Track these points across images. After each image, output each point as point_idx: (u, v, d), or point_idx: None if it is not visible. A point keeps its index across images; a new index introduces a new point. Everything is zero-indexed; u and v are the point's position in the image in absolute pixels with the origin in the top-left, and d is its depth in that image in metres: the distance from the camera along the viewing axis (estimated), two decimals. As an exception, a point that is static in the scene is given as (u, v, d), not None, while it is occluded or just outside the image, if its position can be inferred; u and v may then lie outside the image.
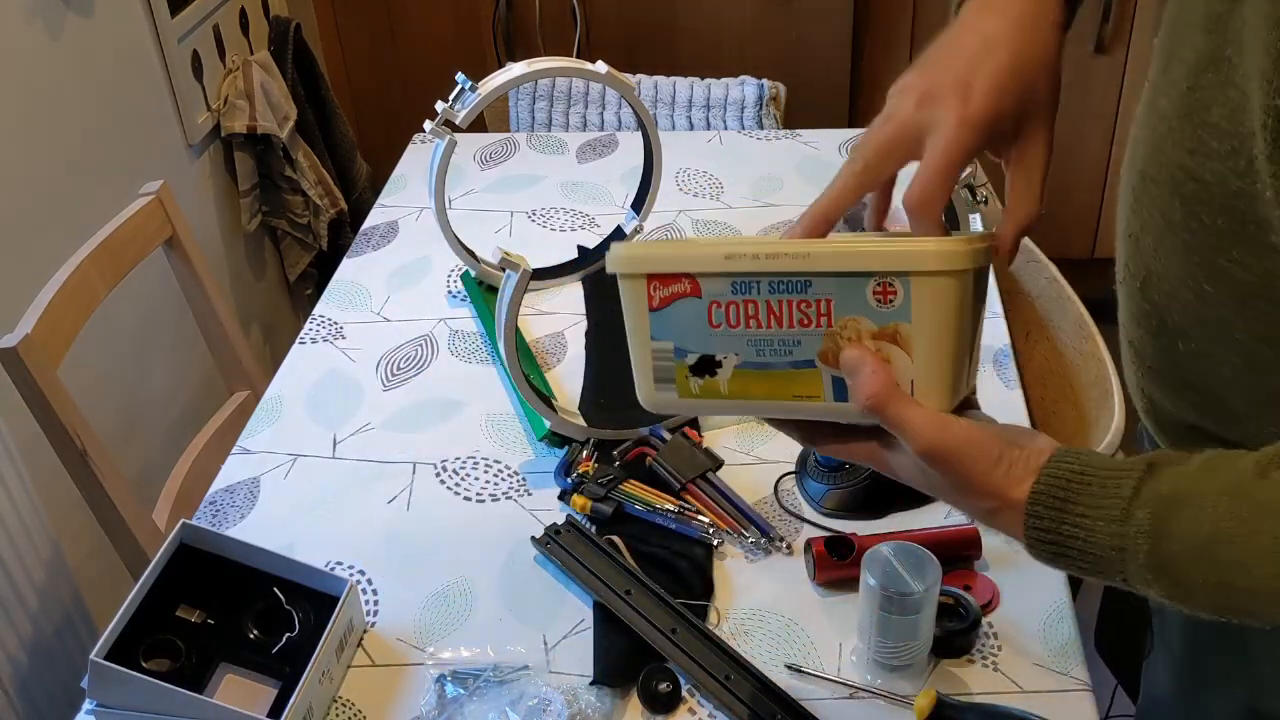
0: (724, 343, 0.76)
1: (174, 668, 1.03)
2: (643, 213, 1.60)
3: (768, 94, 2.16)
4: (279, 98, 2.40)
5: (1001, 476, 0.69)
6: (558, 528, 1.16)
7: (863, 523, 1.17)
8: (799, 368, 0.75)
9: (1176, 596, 0.66)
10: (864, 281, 0.71)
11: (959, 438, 0.70)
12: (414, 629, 1.10)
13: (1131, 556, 0.65)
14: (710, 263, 0.73)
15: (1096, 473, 0.67)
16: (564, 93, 2.26)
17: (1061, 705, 0.98)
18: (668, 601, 1.06)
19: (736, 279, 0.74)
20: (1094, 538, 0.66)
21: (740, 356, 0.76)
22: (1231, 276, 0.72)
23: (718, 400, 0.78)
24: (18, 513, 1.54)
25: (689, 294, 0.75)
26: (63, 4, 1.87)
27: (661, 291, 0.76)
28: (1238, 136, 0.69)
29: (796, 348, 0.74)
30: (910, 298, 0.70)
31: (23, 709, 1.53)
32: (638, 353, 0.78)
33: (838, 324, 0.73)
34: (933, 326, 0.70)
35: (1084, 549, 0.67)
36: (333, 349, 1.49)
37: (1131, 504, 0.65)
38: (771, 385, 0.76)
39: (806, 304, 0.73)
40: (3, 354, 1.32)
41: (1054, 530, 0.67)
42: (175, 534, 1.08)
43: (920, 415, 0.70)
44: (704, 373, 0.78)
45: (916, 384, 0.72)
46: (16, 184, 1.76)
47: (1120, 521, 0.65)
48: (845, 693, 1.01)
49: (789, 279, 0.72)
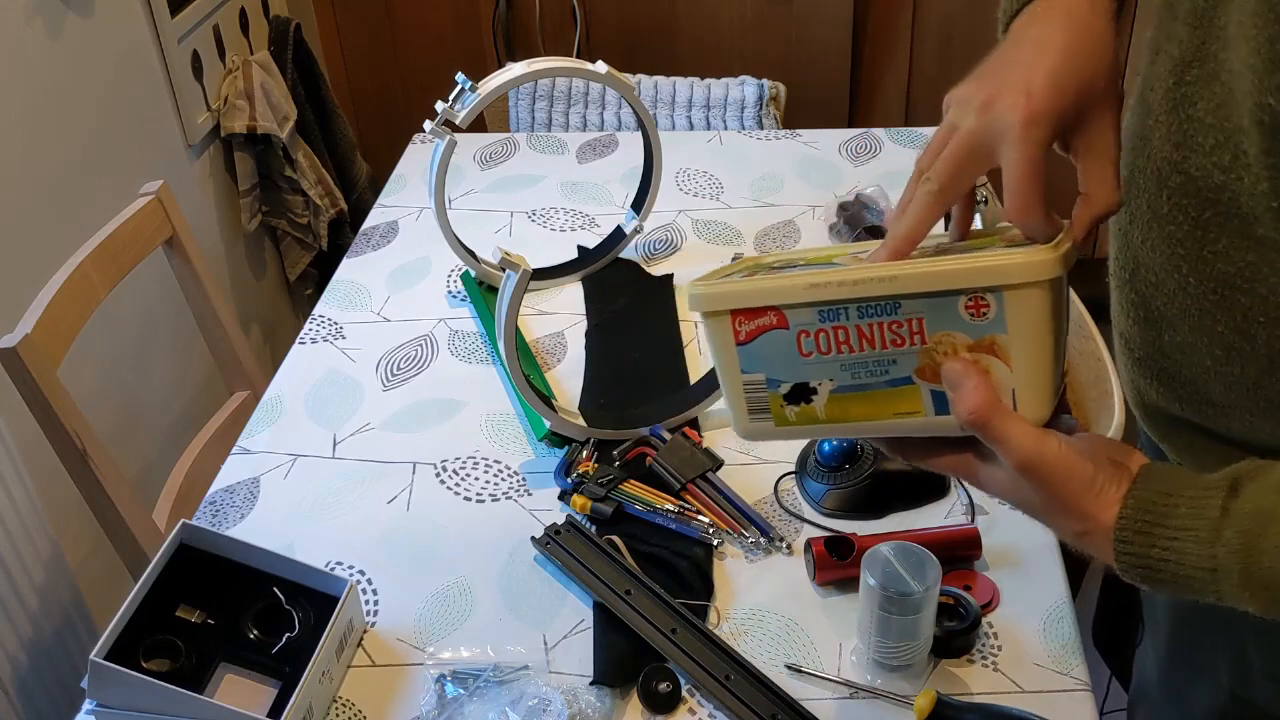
0: (817, 370, 0.76)
1: (174, 668, 1.03)
2: (643, 213, 1.60)
3: (768, 94, 2.16)
4: (279, 98, 2.40)
5: (1093, 500, 0.69)
6: (558, 528, 1.16)
7: (863, 523, 1.17)
8: (897, 385, 0.75)
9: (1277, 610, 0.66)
10: (954, 298, 0.70)
11: (1056, 457, 0.69)
12: (414, 629, 1.10)
13: (1225, 576, 0.65)
14: (794, 294, 0.73)
15: (1183, 493, 0.67)
16: (564, 93, 2.26)
17: (1061, 705, 0.98)
18: (668, 601, 1.06)
19: (823, 307, 0.73)
20: (1185, 559, 0.66)
21: (835, 381, 0.76)
22: (1214, 269, 0.73)
23: (815, 425, 0.78)
24: (18, 513, 1.54)
25: (776, 326, 0.75)
26: (63, 4, 1.87)
27: (747, 325, 0.76)
28: (1223, 131, 0.70)
29: (893, 366, 0.74)
30: (1004, 310, 0.69)
31: (23, 709, 1.53)
32: (729, 387, 0.78)
33: (932, 340, 0.72)
34: (1030, 336, 0.70)
35: (1176, 571, 0.67)
36: (333, 349, 1.49)
37: (1220, 524, 0.65)
38: (870, 405, 0.76)
39: (898, 324, 0.72)
40: (3, 354, 1.32)
41: (1144, 555, 0.67)
42: (175, 534, 1.08)
43: (1020, 431, 0.70)
44: (799, 400, 0.77)
45: (1017, 394, 0.72)
46: (16, 184, 1.76)
47: (1210, 543, 0.65)
48: (845, 693, 1.01)
49: (877, 302, 0.72)
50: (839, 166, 1.80)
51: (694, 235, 1.67)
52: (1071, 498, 0.69)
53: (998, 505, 1.18)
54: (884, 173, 1.77)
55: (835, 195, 1.67)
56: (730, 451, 1.27)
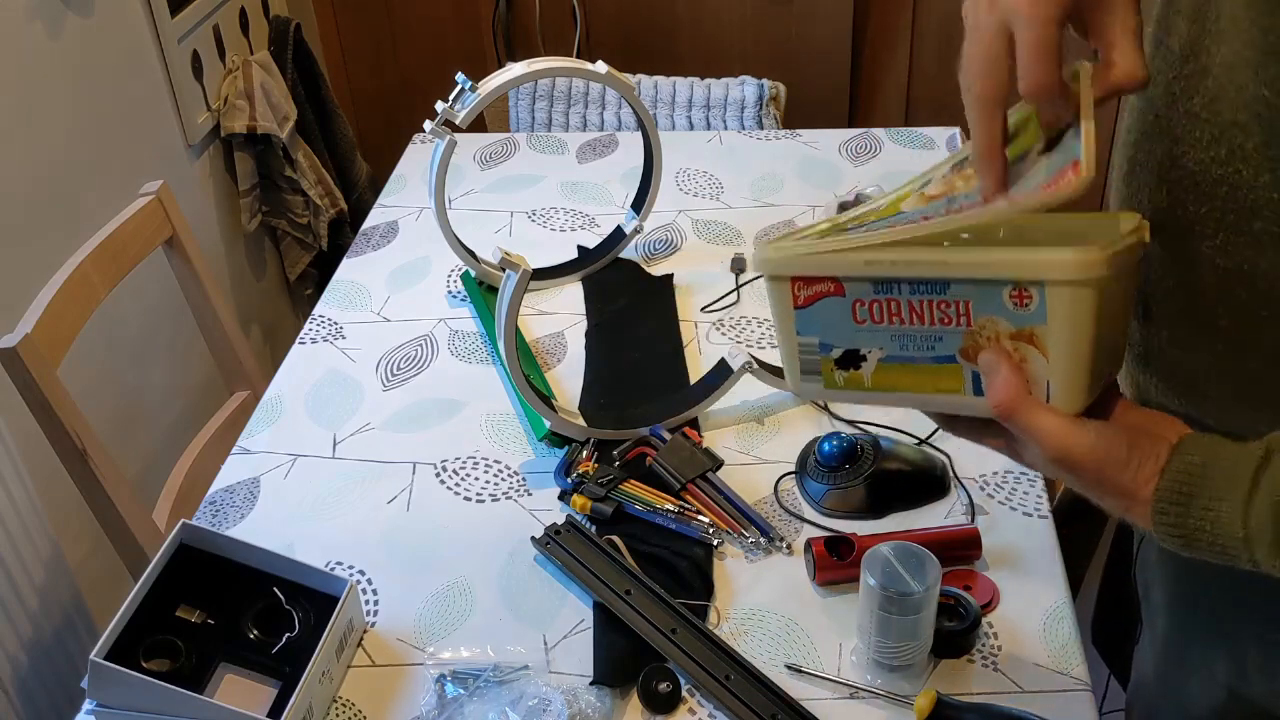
0: (868, 338, 0.79)
1: (174, 668, 1.03)
2: (643, 213, 1.60)
3: (768, 94, 2.16)
4: (279, 98, 2.40)
5: (1130, 479, 0.71)
6: (558, 528, 1.16)
7: (863, 523, 1.17)
8: (941, 363, 0.77)
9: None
10: (1000, 287, 0.72)
11: (1086, 445, 0.72)
12: (414, 629, 1.10)
13: (1257, 542, 0.66)
14: (852, 267, 0.76)
15: (1218, 463, 0.68)
16: (564, 93, 2.26)
17: (1061, 705, 0.98)
18: (668, 601, 1.06)
19: (878, 280, 0.76)
20: (1220, 529, 0.68)
21: (884, 350, 0.79)
22: (1214, 264, 0.73)
23: (861, 391, 0.81)
24: (18, 513, 1.54)
25: (833, 293, 0.78)
26: (63, 4, 1.87)
27: (806, 291, 0.79)
28: (1217, 125, 0.71)
29: (939, 343, 0.76)
30: (1046, 303, 0.71)
31: (23, 709, 1.53)
32: (785, 346, 0.82)
33: (976, 324, 0.74)
34: (1068, 332, 0.71)
35: (1212, 540, 0.68)
36: (333, 349, 1.49)
37: (1253, 493, 0.66)
38: (914, 378, 0.78)
39: (946, 304, 0.75)
40: (3, 354, 1.32)
41: (1181, 525, 0.69)
42: (175, 534, 1.08)
43: (1049, 424, 0.72)
44: (849, 366, 0.80)
45: (1052, 385, 0.73)
46: (17, 184, 1.76)
47: (1243, 511, 0.66)
48: (845, 693, 1.01)
49: (928, 281, 0.74)
50: (839, 166, 1.80)
51: (694, 235, 1.67)
52: (1108, 480, 0.71)
53: (998, 505, 1.18)
54: (884, 173, 1.77)
55: (835, 195, 1.67)
56: (730, 452, 1.27)
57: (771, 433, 1.30)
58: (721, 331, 1.47)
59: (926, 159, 1.81)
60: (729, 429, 1.31)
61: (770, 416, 1.32)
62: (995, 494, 1.19)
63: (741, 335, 1.46)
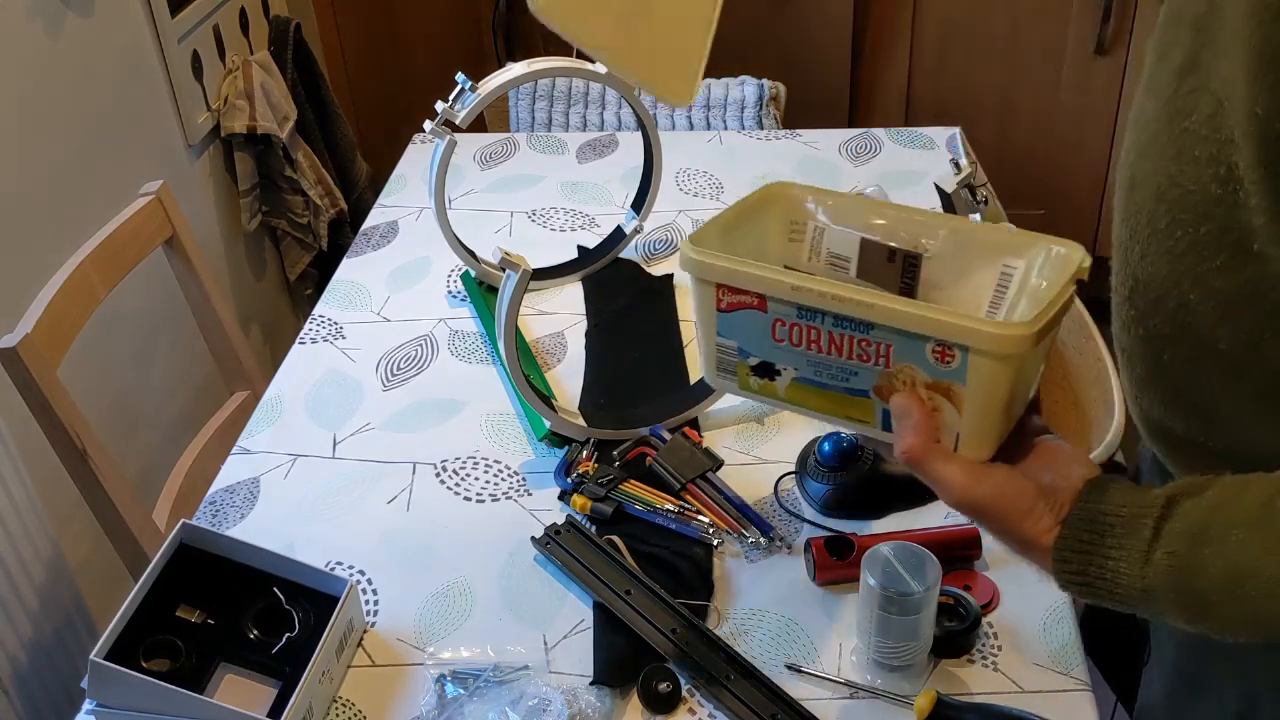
0: (784, 356, 0.80)
1: (174, 668, 1.03)
2: (643, 213, 1.60)
3: (768, 94, 2.16)
4: (279, 98, 2.40)
5: (1031, 528, 0.73)
6: (558, 528, 1.16)
7: (863, 523, 1.17)
8: (853, 394, 0.79)
9: (1212, 629, 0.68)
10: (924, 341, 0.73)
11: (990, 493, 0.74)
12: (414, 629, 1.10)
13: (1160, 596, 0.67)
14: (778, 289, 0.77)
15: (1119, 514, 0.69)
16: (564, 93, 2.26)
17: (1061, 705, 0.98)
18: (668, 601, 1.06)
19: (803, 307, 0.77)
20: (1120, 579, 0.69)
21: (798, 371, 0.80)
22: (1213, 285, 0.72)
23: (775, 400, 0.82)
24: (18, 513, 1.54)
25: (755, 307, 0.79)
26: (63, 4, 1.87)
27: (730, 298, 0.80)
28: (1215, 143, 0.69)
29: (854, 377, 0.78)
30: (967, 366, 0.72)
31: (23, 709, 1.53)
32: (705, 341, 0.83)
33: (895, 367, 0.75)
34: (985, 395, 0.73)
35: (1112, 590, 0.69)
36: (333, 349, 1.49)
37: (1152, 546, 0.67)
38: (826, 402, 0.80)
39: (867, 343, 0.76)
40: (3, 354, 1.32)
41: (1082, 574, 0.70)
42: (175, 534, 1.08)
43: (952, 473, 0.74)
44: (764, 375, 0.82)
45: (962, 437, 0.75)
46: (17, 184, 1.76)
47: (1143, 564, 0.67)
48: (845, 693, 1.01)
49: (852, 320, 0.75)
50: (839, 166, 1.80)
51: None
52: (1011, 527, 0.73)
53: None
54: (884, 173, 1.77)
55: (835, 195, 1.67)
56: (730, 452, 1.27)
57: (771, 433, 1.30)
58: (721, 331, 1.47)
59: (926, 159, 1.81)
60: (729, 429, 1.31)
61: (770, 416, 1.32)
62: (995, 494, 1.19)
63: (741, 335, 1.46)
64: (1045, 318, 0.71)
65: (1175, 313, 0.76)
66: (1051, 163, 2.70)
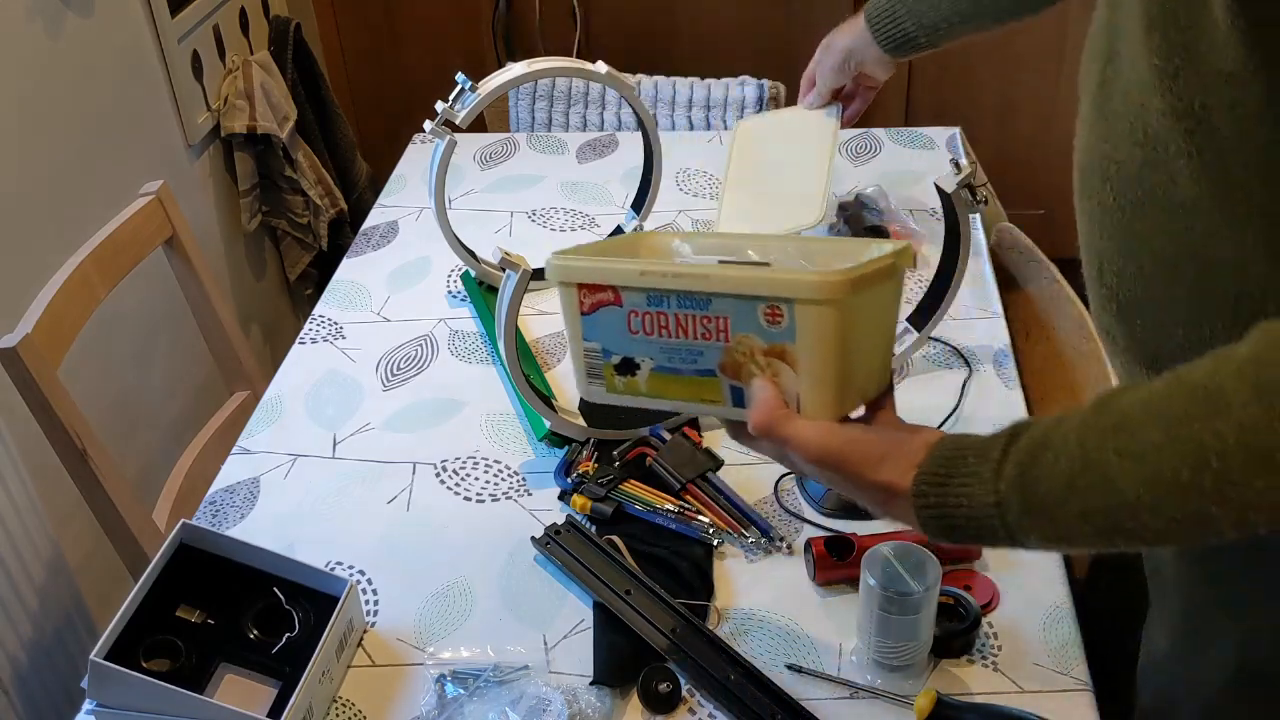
0: (641, 347, 0.86)
1: (174, 668, 1.03)
2: (643, 213, 1.60)
3: (768, 94, 2.16)
4: (279, 98, 2.40)
5: (889, 471, 0.76)
6: (558, 528, 1.16)
7: (863, 523, 1.17)
8: (702, 375, 0.84)
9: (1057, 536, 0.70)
10: (755, 304, 0.79)
11: (843, 442, 0.78)
12: (414, 629, 1.10)
13: (1008, 508, 0.70)
14: (628, 277, 0.84)
15: (972, 446, 0.73)
16: (564, 93, 2.26)
17: (1061, 705, 0.98)
18: (668, 601, 1.06)
19: (651, 293, 0.83)
20: (974, 501, 0.72)
21: (654, 361, 0.86)
22: (1158, 246, 0.76)
23: (639, 397, 0.89)
24: (18, 513, 1.54)
25: (612, 302, 0.86)
26: (62, 4, 1.87)
27: (590, 299, 0.87)
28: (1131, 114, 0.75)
29: (700, 358, 0.84)
30: (795, 321, 0.78)
31: (23, 709, 1.53)
32: (574, 350, 0.90)
33: (734, 340, 0.81)
34: (814, 348, 0.78)
35: (968, 515, 0.72)
36: (333, 349, 1.49)
37: (1001, 464, 0.71)
38: (682, 388, 0.86)
39: (708, 319, 0.82)
40: (3, 354, 1.32)
41: (939, 505, 0.74)
42: (175, 534, 1.08)
43: (804, 429, 0.78)
44: (626, 372, 0.88)
45: (802, 398, 0.80)
46: (17, 184, 1.76)
47: (993, 480, 0.71)
48: (845, 693, 1.01)
49: (693, 296, 0.81)
50: (839, 166, 1.79)
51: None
52: (868, 477, 0.77)
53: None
54: (884, 173, 1.77)
55: (835, 195, 1.67)
56: (730, 452, 1.27)
57: (771, 433, 1.30)
58: (721, 331, 1.46)
59: (927, 159, 1.81)
60: (729, 429, 1.31)
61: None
62: (995, 494, 1.19)
63: (741, 335, 1.45)
64: (861, 271, 0.77)
65: (1135, 281, 0.80)
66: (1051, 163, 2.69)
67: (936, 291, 1.34)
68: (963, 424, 1.28)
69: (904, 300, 1.47)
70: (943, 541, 0.75)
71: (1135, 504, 0.65)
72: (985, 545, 0.76)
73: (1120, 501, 0.66)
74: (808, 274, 0.78)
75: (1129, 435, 0.66)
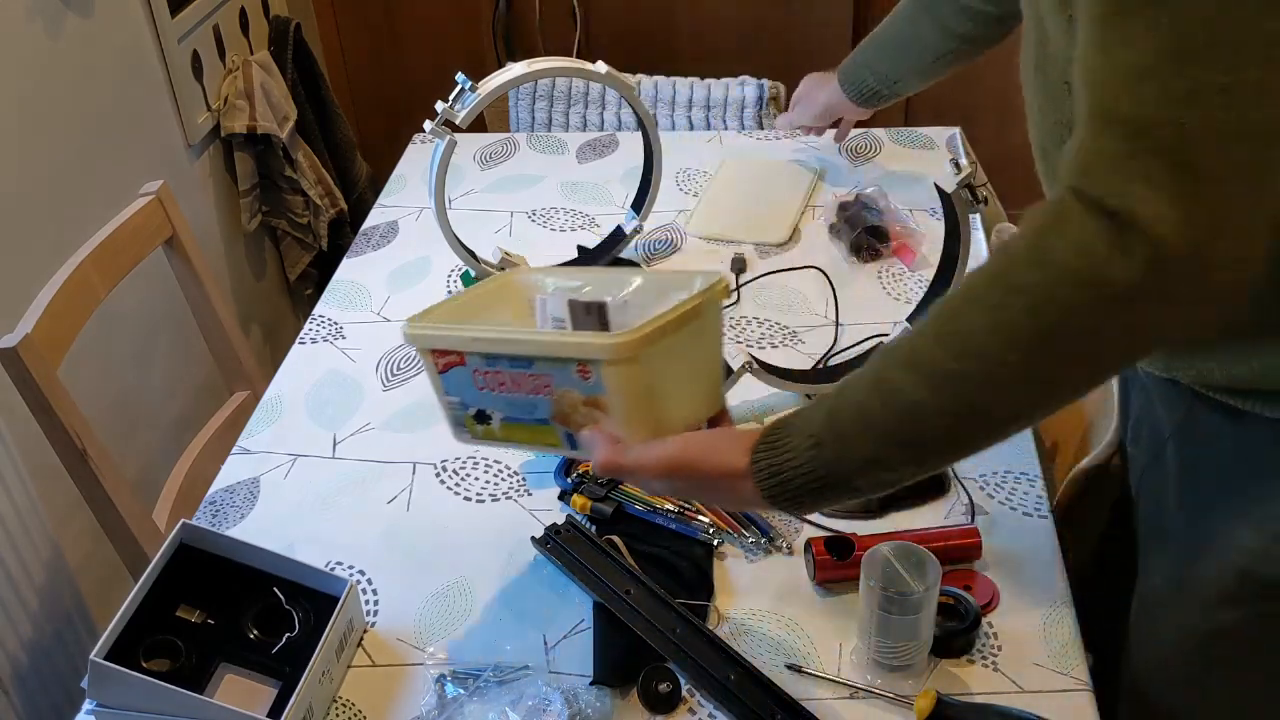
0: (489, 400, 0.97)
1: (174, 668, 1.03)
2: (643, 213, 1.60)
3: (768, 94, 2.16)
4: (279, 98, 2.40)
5: (726, 455, 0.85)
6: (558, 528, 1.16)
7: (863, 523, 1.17)
8: (540, 424, 0.95)
9: (873, 459, 0.80)
10: (568, 364, 0.89)
11: (679, 446, 0.87)
12: (414, 629, 1.10)
13: (824, 445, 0.80)
14: (465, 343, 0.96)
15: (797, 414, 0.84)
16: (564, 93, 2.26)
17: (1061, 705, 0.98)
18: (668, 602, 1.06)
19: (486, 354, 0.94)
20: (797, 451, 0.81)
21: (502, 412, 0.97)
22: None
23: (497, 441, 1.00)
24: (18, 513, 1.54)
25: (459, 364, 0.97)
26: (63, 4, 1.87)
27: (442, 360, 0.98)
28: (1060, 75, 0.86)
29: (535, 409, 0.94)
30: (601, 377, 0.88)
31: (23, 709, 1.53)
32: (440, 402, 1.01)
33: (557, 394, 0.92)
34: (622, 399, 0.89)
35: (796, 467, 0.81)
36: (333, 349, 1.49)
37: (812, 416, 0.82)
38: (527, 434, 0.97)
39: (534, 376, 0.92)
40: (3, 354, 1.32)
41: (772, 464, 0.82)
42: (175, 534, 1.08)
43: (640, 453, 0.87)
44: (483, 421, 0.99)
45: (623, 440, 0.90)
46: (17, 184, 1.76)
47: (807, 427, 0.82)
48: (845, 693, 1.01)
49: (519, 358, 0.92)
50: (839, 166, 1.79)
51: (694, 235, 1.67)
52: (709, 468, 0.86)
53: (998, 505, 1.18)
54: (884, 173, 1.77)
55: (835, 195, 1.67)
56: (730, 451, 1.27)
57: (771, 433, 1.30)
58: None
59: (926, 159, 1.81)
60: (729, 429, 1.31)
61: (770, 416, 1.32)
62: (995, 494, 1.19)
63: (741, 335, 1.46)
64: (650, 327, 0.87)
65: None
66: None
67: (936, 291, 1.34)
68: (963, 424, 1.28)
69: (904, 300, 1.47)
70: (788, 510, 0.84)
71: (919, 405, 0.77)
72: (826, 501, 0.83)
73: (907, 403, 0.77)
74: (603, 338, 0.90)
75: (909, 355, 0.78)
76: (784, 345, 1.43)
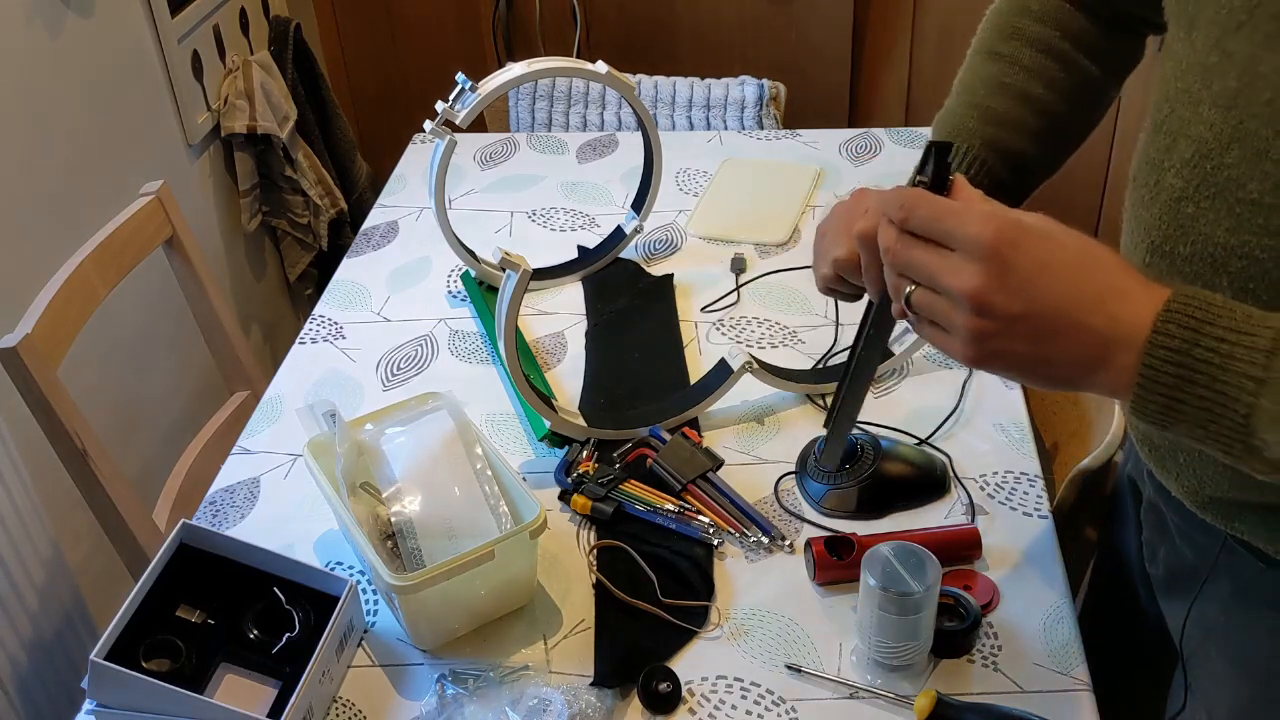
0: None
1: (174, 668, 1.03)
2: (643, 213, 1.60)
3: (768, 94, 2.16)
4: (279, 98, 2.40)
5: (1122, 278, 0.62)
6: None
7: (863, 523, 1.17)
8: None
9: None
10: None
11: (1023, 215, 0.62)
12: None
13: (1270, 391, 0.59)
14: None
15: (1236, 307, 0.62)
16: (564, 93, 2.26)
17: (1061, 705, 0.98)
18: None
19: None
20: (1232, 363, 0.60)
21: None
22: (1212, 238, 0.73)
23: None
24: (18, 513, 1.54)
25: None
26: (63, 4, 1.87)
27: None
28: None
29: None
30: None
31: (23, 709, 1.53)
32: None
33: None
34: (409, 617, 1.05)
35: (1215, 376, 0.60)
36: (333, 349, 1.49)
37: (1277, 340, 0.60)
38: None
39: None
40: (3, 354, 1.32)
41: (1185, 354, 0.60)
42: (175, 534, 1.08)
43: (967, 194, 0.66)
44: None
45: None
46: (17, 184, 1.76)
47: (1268, 352, 0.59)
48: (845, 693, 1.01)
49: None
50: (839, 166, 1.80)
51: (694, 235, 1.67)
52: (1096, 272, 0.62)
53: (998, 505, 1.17)
54: (884, 173, 1.77)
55: (835, 195, 1.67)
56: (730, 451, 1.27)
57: (771, 433, 1.30)
58: (721, 331, 1.47)
59: (926, 159, 1.80)
60: (729, 429, 1.31)
61: (770, 416, 1.32)
62: (995, 494, 1.19)
63: (741, 335, 1.46)
64: (430, 574, 1.00)
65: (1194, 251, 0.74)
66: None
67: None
68: (963, 424, 1.28)
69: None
70: (1153, 417, 0.62)
71: None
72: (1196, 428, 0.61)
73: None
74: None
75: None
76: (784, 345, 1.43)
